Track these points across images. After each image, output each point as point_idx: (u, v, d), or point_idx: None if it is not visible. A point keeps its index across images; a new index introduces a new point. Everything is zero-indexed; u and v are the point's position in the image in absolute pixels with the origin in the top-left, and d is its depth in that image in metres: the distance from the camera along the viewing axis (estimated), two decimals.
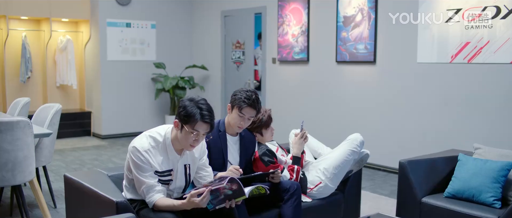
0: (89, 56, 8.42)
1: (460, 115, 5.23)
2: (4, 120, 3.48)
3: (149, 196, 2.52)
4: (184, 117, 2.48)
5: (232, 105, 3.06)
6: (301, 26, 6.83)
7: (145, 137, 2.58)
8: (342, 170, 3.40)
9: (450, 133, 5.30)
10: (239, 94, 3.03)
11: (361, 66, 6.13)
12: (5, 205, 4.43)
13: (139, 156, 2.51)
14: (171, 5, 8.63)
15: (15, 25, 7.99)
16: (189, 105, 2.49)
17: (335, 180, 3.39)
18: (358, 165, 3.52)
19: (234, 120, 3.06)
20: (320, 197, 3.41)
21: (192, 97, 2.55)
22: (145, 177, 2.52)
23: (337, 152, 3.44)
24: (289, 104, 7.14)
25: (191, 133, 2.48)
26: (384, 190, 5.08)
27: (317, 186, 3.37)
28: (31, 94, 8.12)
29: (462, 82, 5.21)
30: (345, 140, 3.49)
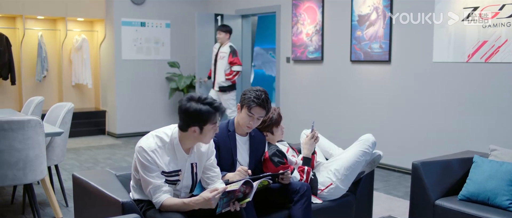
0: (104, 55, 8.46)
1: (476, 116, 5.13)
2: (15, 119, 3.49)
3: (156, 196, 2.50)
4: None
5: (241, 104, 3.03)
6: (315, 25, 6.77)
7: (152, 137, 2.56)
8: (353, 171, 3.34)
9: (465, 134, 5.20)
10: (249, 94, 3.00)
11: (376, 66, 6.05)
12: (18, 203, 4.46)
13: (145, 156, 2.49)
14: (185, 4, 8.63)
15: (31, 25, 8.06)
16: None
17: (346, 181, 3.33)
18: (370, 166, 3.46)
19: (243, 119, 3.02)
20: (331, 198, 3.35)
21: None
22: (152, 177, 2.50)
23: (348, 152, 3.38)
24: (303, 104, 7.09)
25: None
26: (398, 192, 5.00)
27: (328, 187, 3.32)
28: (46, 93, 8.19)
29: (478, 82, 5.10)
30: (357, 141, 3.43)
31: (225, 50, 6.97)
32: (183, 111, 2.50)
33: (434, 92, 5.48)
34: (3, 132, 3.42)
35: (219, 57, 7.02)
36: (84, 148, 7.28)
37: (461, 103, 5.26)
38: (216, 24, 7.85)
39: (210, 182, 2.74)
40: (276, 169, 3.17)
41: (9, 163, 3.49)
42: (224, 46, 7.00)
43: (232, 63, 6.92)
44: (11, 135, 3.45)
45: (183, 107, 2.49)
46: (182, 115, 2.51)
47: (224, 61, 6.95)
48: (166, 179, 2.54)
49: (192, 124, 2.49)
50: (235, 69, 6.92)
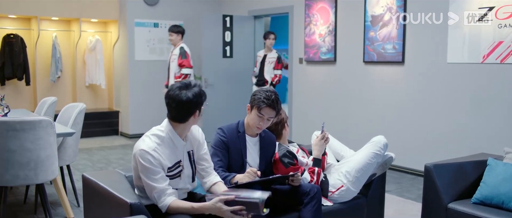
0: (118, 56, 8.51)
1: (491, 117, 5.05)
2: (26, 119, 3.51)
3: (162, 200, 2.48)
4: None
5: (251, 105, 3.02)
6: (328, 26, 6.73)
7: (148, 138, 2.55)
8: (365, 173, 3.30)
9: (480, 136, 5.12)
10: (259, 94, 2.98)
11: (389, 67, 5.99)
12: (30, 203, 4.49)
13: (148, 158, 2.47)
14: (198, 5, 8.64)
15: (46, 26, 8.13)
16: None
17: (357, 183, 3.29)
18: (381, 168, 3.42)
19: (253, 120, 3.01)
20: (342, 201, 3.32)
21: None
22: (156, 181, 2.48)
23: (359, 154, 3.35)
24: (315, 105, 7.05)
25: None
26: (411, 194, 4.94)
27: (338, 190, 3.28)
28: (60, 93, 8.26)
29: (494, 83, 5.02)
30: (368, 142, 3.39)
31: (176, 53, 6.61)
32: (183, 102, 2.49)
33: (448, 94, 5.41)
34: (14, 132, 3.44)
35: (171, 60, 6.67)
36: (97, 148, 7.32)
37: (475, 105, 5.18)
38: (224, 26, 7.85)
39: (205, 173, 2.76)
40: (286, 170, 3.14)
41: (20, 163, 3.51)
42: (176, 48, 6.64)
43: (181, 66, 6.54)
44: (22, 135, 3.47)
45: (182, 99, 2.48)
46: (181, 107, 2.50)
47: (175, 64, 6.60)
48: (170, 175, 2.54)
49: (193, 110, 2.53)
50: (184, 72, 6.54)
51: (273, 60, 7.28)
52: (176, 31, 6.62)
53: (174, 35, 6.61)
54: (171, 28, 6.65)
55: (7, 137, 3.44)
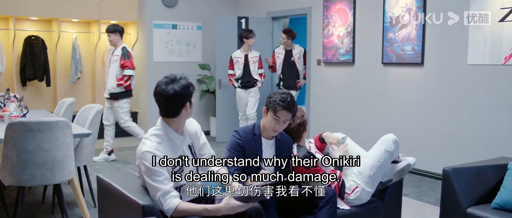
0: (136, 57, 8.53)
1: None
2: (43, 120, 3.55)
3: (167, 202, 2.45)
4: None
5: (267, 108, 2.99)
6: (346, 27, 6.67)
7: (147, 140, 2.55)
8: (377, 172, 3.25)
9: (500, 139, 5.02)
10: (274, 97, 2.96)
11: (408, 68, 5.91)
12: (48, 203, 4.54)
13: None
14: (217, 6, 8.65)
15: (66, 28, 8.23)
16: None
17: (371, 183, 3.25)
18: (398, 174, 3.36)
19: (269, 123, 2.99)
20: (359, 203, 3.28)
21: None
22: (160, 182, 2.46)
23: (370, 154, 3.33)
24: (334, 106, 6.99)
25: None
26: (429, 198, 4.86)
27: (354, 191, 3.24)
28: (80, 94, 8.34)
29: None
30: (378, 141, 3.36)
31: (118, 53, 6.21)
32: (171, 96, 2.50)
33: (469, 96, 5.31)
34: (31, 132, 3.47)
35: (112, 61, 6.25)
36: (115, 148, 7.36)
37: (496, 108, 5.07)
38: (239, 27, 7.84)
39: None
40: (306, 172, 3.11)
41: (37, 163, 3.54)
42: (117, 48, 6.23)
43: (124, 67, 6.16)
44: (39, 136, 3.50)
45: (169, 93, 2.49)
46: (170, 101, 2.51)
47: (116, 65, 6.20)
48: (175, 171, 2.53)
49: (184, 102, 2.54)
50: (127, 74, 6.18)
51: (257, 60, 7.28)
52: (113, 31, 6.19)
53: (112, 35, 6.19)
54: (109, 28, 6.21)
55: (24, 137, 3.48)
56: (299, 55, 7.25)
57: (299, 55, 7.25)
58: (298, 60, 7.24)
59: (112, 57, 6.26)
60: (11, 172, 3.55)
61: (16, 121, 3.49)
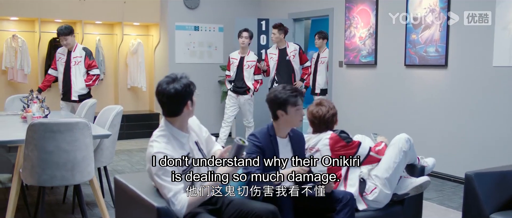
0: (159, 59, 8.62)
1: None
2: (63, 121, 3.58)
3: (179, 200, 2.47)
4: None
5: (283, 108, 2.98)
6: (368, 29, 6.59)
7: (155, 142, 2.55)
8: (394, 173, 3.20)
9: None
10: (282, 94, 2.99)
11: (432, 70, 5.81)
12: (69, 203, 4.58)
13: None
14: (238, 8, 8.65)
15: (90, 30, 8.33)
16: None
17: (388, 184, 3.19)
18: (416, 189, 3.28)
19: (293, 117, 3.00)
20: (377, 207, 3.22)
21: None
22: (172, 183, 2.47)
23: (385, 156, 3.27)
24: (355, 109, 6.91)
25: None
26: (452, 203, 4.76)
27: (372, 191, 3.19)
28: (103, 95, 8.43)
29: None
30: (390, 143, 3.32)
31: (80, 54, 5.98)
32: (173, 95, 2.52)
33: (494, 99, 5.18)
34: (51, 133, 3.51)
35: (73, 63, 5.97)
36: (136, 150, 7.43)
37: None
38: (259, 29, 7.81)
39: (211, 147, 2.88)
40: (347, 146, 3.20)
41: (57, 164, 3.57)
42: (76, 50, 5.99)
43: (91, 67, 6.01)
44: (59, 137, 3.53)
45: (171, 92, 2.51)
46: (171, 100, 2.54)
47: (80, 67, 5.96)
48: (183, 170, 2.54)
49: (185, 101, 2.56)
50: (96, 73, 6.04)
51: (253, 64, 6.61)
52: (69, 33, 5.88)
53: (69, 38, 5.90)
54: (63, 31, 5.88)
55: (45, 138, 3.51)
56: (295, 54, 6.66)
57: (294, 54, 6.66)
58: (293, 58, 6.65)
59: (72, 60, 5.97)
60: (32, 172, 3.60)
61: (37, 121, 3.53)
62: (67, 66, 6.01)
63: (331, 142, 3.21)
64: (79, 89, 6.03)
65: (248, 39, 6.55)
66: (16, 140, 3.79)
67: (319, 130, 3.35)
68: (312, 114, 3.36)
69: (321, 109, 3.34)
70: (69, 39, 5.91)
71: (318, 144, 3.27)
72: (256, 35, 7.84)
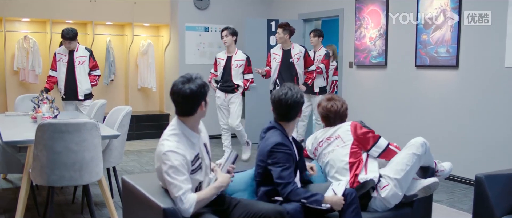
0: (169, 59, 8.64)
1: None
2: (71, 122, 3.59)
3: (187, 199, 2.47)
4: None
5: (301, 109, 3.06)
6: (379, 29, 6.55)
7: (166, 141, 2.55)
8: (405, 175, 3.17)
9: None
10: (301, 95, 3.00)
11: (443, 71, 5.75)
12: (78, 203, 4.60)
13: (175, 157, 2.47)
14: (248, 8, 8.64)
15: (101, 30, 8.37)
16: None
17: (399, 186, 3.15)
18: (424, 191, 3.24)
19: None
20: (387, 206, 3.18)
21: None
22: (182, 182, 2.47)
23: (398, 157, 3.25)
24: (365, 109, 6.87)
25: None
26: (463, 205, 4.71)
27: (384, 188, 3.15)
28: (113, 96, 8.47)
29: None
30: (406, 145, 3.29)
31: (84, 54, 6.11)
32: (188, 95, 2.54)
33: (506, 100, 5.12)
34: (60, 134, 3.52)
35: (77, 63, 6.07)
36: (146, 150, 7.45)
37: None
38: (269, 30, 7.80)
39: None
40: (367, 132, 3.28)
41: (66, 164, 3.59)
42: (79, 50, 6.11)
43: (95, 67, 6.22)
44: (68, 137, 3.55)
45: (186, 92, 2.53)
46: (186, 100, 2.56)
47: (85, 66, 6.11)
48: (192, 169, 2.57)
49: (200, 101, 2.58)
50: (98, 73, 6.31)
51: (242, 63, 6.25)
52: (74, 37, 5.96)
53: (73, 42, 5.99)
54: (69, 36, 5.89)
55: (53, 138, 3.53)
56: (299, 56, 6.28)
57: (299, 56, 6.28)
58: (297, 61, 6.28)
59: (75, 59, 6.05)
60: (41, 172, 3.62)
61: (46, 122, 3.55)
62: (70, 66, 6.08)
63: (353, 127, 3.29)
64: (85, 88, 6.16)
65: (229, 38, 6.17)
66: (26, 140, 3.82)
67: (333, 123, 3.40)
68: (327, 108, 3.40)
69: (336, 104, 3.40)
70: (73, 43, 5.99)
71: (337, 131, 3.32)
72: (266, 36, 7.83)
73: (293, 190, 2.78)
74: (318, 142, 3.42)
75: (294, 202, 2.76)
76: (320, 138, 3.41)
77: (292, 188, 2.79)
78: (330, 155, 3.31)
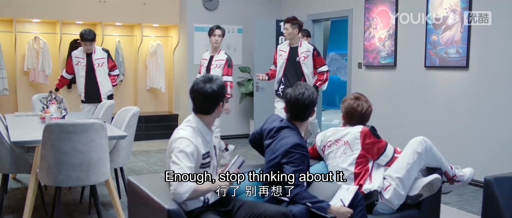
0: (178, 60, 8.66)
1: None
2: (78, 122, 3.60)
3: (186, 183, 2.47)
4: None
5: (309, 111, 3.04)
6: (388, 29, 6.50)
7: (182, 130, 2.62)
8: (406, 174, 3.12)
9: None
10: (305, 98, 2.97)
11: (452, 72, 5.70)
12: (86, 203, 4.61)
13: (188, 144, 2.53)
14: (258, 9, 8.63)
15: (110, 31, 8.41)
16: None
17: (401, 185, 3.11)
18: (427, 188, 3.16)
19: None
20: (391, 208, 3.14)
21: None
22: (187, 167, 2.50)
23: (399, 158, 3.21)
24: (374, 111, 6.75)
25: None
26: (472, 207, 4.66)
27: (387, 188, 3.12)
28: (122, 96, 8.49)
29: None
30: (407, 145, 3.26)
31: (102, 56, 6.07)
32: (209, 95, 2.60)
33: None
34: (67, 134, 3.53)
35: (97, 65, 6.01)
36: (155, 150, 7.46)
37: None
38: (278, 30, 7.78)
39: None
40: (377, 141, 3.20)
41: (73, 164, 3.60)
42: (97, 51, 6.07)
43: (113, 67, 6.19)
44: (75, 138, 3.56)
45: (208, 92, 2.59)
46: (207, 99, 2.61)
47: (104, 68, 6.07)
48: (201, 163, 2.60)
49: (219, 101, 2.65)
50: (117, 73, 6.30)
51: (221, 64, 5.86)
52: (93, 38, 5.93)
53: (93, 44, 5.98)
54: (88, 37, 5.87)
55: (60, 139, 3.54)
56: (307, 55, 5.71)
57: (306, 55, 5.71)
58: (304, 60, 5.71)
59: (94, 61, 6.02)
60: (48, 172, 3.63)
61: (53, 122, 3.57)
62: (89, 69, 6.02)
63: (363, 135, 3.18)
64: (107, 90, 6.14)
65: (221, 38, 5.89)
66: (33, 140, 3.84)
67: (354, 123, 3.31)
68: (353, 107, 3.31)
69: (362, 104, 3.32)
70: (93, 44, 5.97)
71: (345, 136, 3.23)
72: (275, 36, 7.82)
73: (301, 193, 2.75)
74: (326, 141, 3.34)
75: (300, 205, 2.74)
76: (330, 137, 3.33)
77: (300, 190, 2.76)
78: (335, 160, 3.26)
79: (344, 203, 2.83)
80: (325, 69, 5.90)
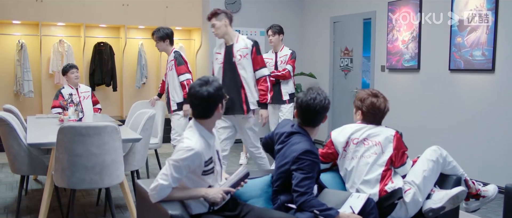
0: (200, 63, 8.66)
1: None
2: (92, 125, 3.61)
3: (162, 192, 2.49)
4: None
5: (321, 115, 2.95)
6: (411, 32, 6.36)
7: (187, 139, 2.56)
8: (423, 181, 3.03)
9: None
10: (318, 102, 2.88)
11: (478, 75, 5.52)
12: (102, 205, 4.63)
13: (187, 156, 2.47)
14: (280, 11, 8.57)
15: (133, 34, 8.47)
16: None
17: (418, 192, 3.01)
18: (452, 201, 3.04)
19: None
20: (409, 215, 3.04)
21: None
22: (173, 178, 2.48)
23: (415, 166, 3.13)
24: (397, 114, 6.66)
25: None
26: (497, 216, 4.49)
27: (406, 192, 3.01)
28: (145, 99, 8.52)
29: None
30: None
31: (171, 58, 5.45)
32: (206, 98, 2.54)
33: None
34: (80, 137, 3.54)
35: (168, 69, 5.45)
36: (169, 153, 7.45)
37: None
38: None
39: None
40: (405, 148, 3.11)
41: (86, 167, 3.61)
42: (170, 54, 5.49)
43: (181, 72, 5.38)
44: (88, 140, 3.57)
45: (204, 95, 2.54)
46: (204, 102, 2.56)
47: (173, 73, 5.40)
48: (204, 170, 2.55)
49: (217, 104, 2.60)
50: (186, 78, 5.41)
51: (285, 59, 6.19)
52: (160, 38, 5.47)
53: (160, 43, 5.51)
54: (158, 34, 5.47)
55: (74, 141, 3.55)
56: (243, 53, 4.56)
57: (242, 53, 4.57)
58: (240, 60, 4.56)
59: (167, 64, 5.54)
60: (62, 174, 3.65)
61: (67, 125, 3.58)
62: (169, 72, 5.46)
63: (396, 139, 3.07)
64: (177, 98, 5.47)
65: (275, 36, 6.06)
66: (48, 143, 3.87)
67: (373, 122, 3.16)
68: (376, 106, 3.15)
69: (383, 102, 3.18)
70: (161, 44, 5.47)
71: (377, 137, 3.08)
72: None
73: (308, 200, 2.67)
74: (351, 138, 3.12)
75: (307, 212, 2.66)
76: (354, 134, 3.12)
77: (308, 197, 2.67)
78: (363, 159, 3.06)
79: (353, 210, 2.74)
80: (265, 73, 4.62)
